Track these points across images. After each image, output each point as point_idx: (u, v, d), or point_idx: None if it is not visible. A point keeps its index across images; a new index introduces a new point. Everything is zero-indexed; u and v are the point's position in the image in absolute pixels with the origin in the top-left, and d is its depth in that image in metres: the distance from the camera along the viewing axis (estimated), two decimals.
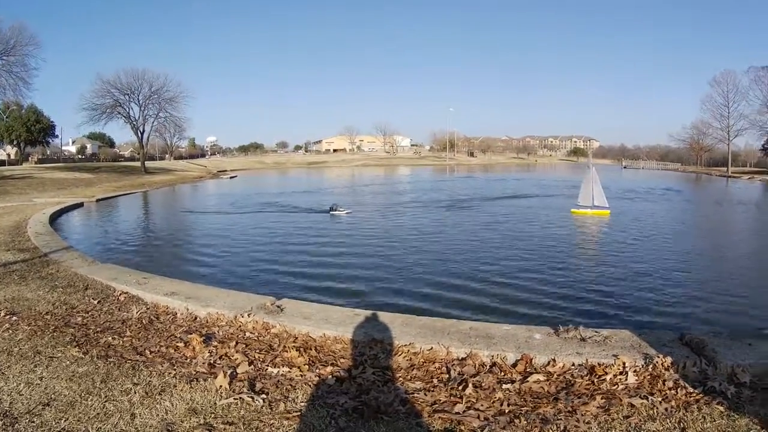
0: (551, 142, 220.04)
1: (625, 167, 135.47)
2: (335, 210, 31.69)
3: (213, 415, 3.57)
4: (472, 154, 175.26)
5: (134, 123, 77.40)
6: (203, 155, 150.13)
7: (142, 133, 79.82)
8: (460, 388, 4.08)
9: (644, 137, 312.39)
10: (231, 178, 79.84)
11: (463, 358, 4.63)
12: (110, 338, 5.38)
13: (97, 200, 39.07)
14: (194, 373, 4.36)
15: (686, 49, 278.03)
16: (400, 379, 4.29)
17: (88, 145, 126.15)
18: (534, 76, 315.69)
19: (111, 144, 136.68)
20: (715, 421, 3.53)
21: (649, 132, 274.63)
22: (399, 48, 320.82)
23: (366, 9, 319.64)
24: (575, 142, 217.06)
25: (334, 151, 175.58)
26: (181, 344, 5.10)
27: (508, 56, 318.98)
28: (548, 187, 59.54)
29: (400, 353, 4.73)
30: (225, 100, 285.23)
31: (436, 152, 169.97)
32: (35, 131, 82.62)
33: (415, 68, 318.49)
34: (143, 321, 6.03)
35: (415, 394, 3.99)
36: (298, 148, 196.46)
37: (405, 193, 51.08)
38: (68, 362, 4.60)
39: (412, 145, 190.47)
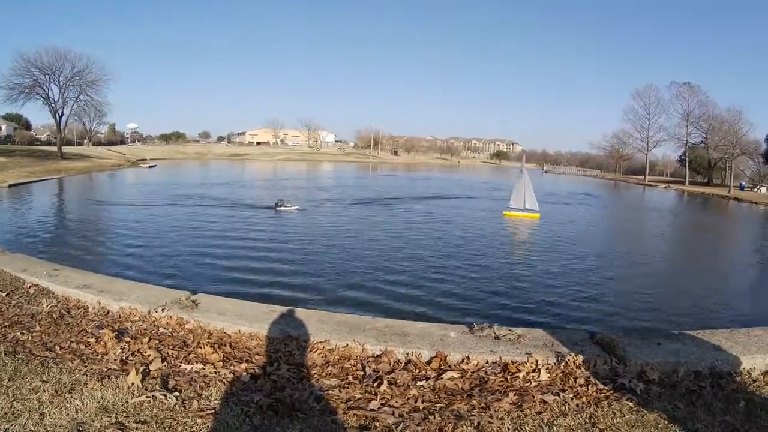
0: (475, 144, 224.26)
1: (545, 172, 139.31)
2: (282, 206, 31.18)
3: (125, 414, 3.49)
4: (396, 153, 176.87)
5: (53, 105, 74.50)
6: (123, 142, 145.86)
7: (60, 117, 76.85)
8: (375, 385, 4.12)
9: (565, 144, 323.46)
10: (150, 167, 78.33)
11: (378, 356, 4.68)
12: (18, 333, 5.18)
13: (10, 186, 37.62)
14: (106, 370, 4.25)
15: (609, 60, 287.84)
16: (316, 376, 4.30)
17: (3, 127, 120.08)
18: (460, 78, 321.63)
19: (27, 126, 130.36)
20: (624, 416, 3.68)
21: (570, 139, 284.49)
22: (326, 43, 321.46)
23: (293, 4, 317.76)
24: (498, 145, 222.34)
25: (258, 143, 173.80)
26: (92, 340, 4.96)
27: (435, 58, 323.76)
28: (471, 188, 61.14)
29: (315, 350, 4.74)
30: (147, 86, 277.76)
31: (360, 149, 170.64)
32: None
33: (342, 64, 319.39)
34: (53, 315, 5.82)
35: (330, 391, 4.01)
36: (221, 139, 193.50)
37: (328, 189, 51.23)
38: None
39: (336, 141, 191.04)
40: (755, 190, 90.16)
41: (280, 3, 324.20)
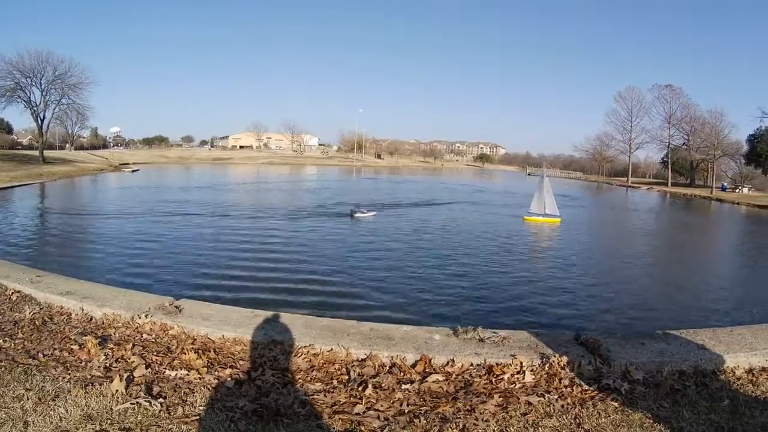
0: (458, 147, 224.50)
1: (529, 174, 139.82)
2: (358, 212, 31.15)
3: (109, 422, 3.47)
4: (379, 156, 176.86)
5: (35, 109, 73.72)
6: (105, 146, 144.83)
7: (42, 120, 76.04)
8: (360, 388, 4.13)
9: (549, 146, 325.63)
10: (133, 171, 77.99)
11: (363, 359, 4.69)
12: (0, 340, 5.13)
13: None
14: (89, 377, 4.22)
15: (591, 63, 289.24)
16: (300, 380, 4.30)
17: None
18: (443, 81, 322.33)
19: (9, 130, 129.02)
20: (609, 416, 3.72)
21: (554, 142, 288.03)
22: (309, 46, 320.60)
23: (276, 7, 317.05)
24: (482, 148, 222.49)
25: (241, 147, 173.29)
26: (75, 347, 4.92)
27: (418, 61, 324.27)
28: (466, 192, 61.46)
29: (300, 354, 4.73)
30: (130, 89, 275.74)
31: (343, 153, 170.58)
32: None
33: (325, 67, 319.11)
34: (36, 322, 5.77)
35: (315, 396, 4.01)
36: (204, 143, 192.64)
37: (315, 192, 51.09)
38: None
39: (320, 145, 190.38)
40: (737, 190, 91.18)
41: (262, 6, 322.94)
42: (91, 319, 5.90)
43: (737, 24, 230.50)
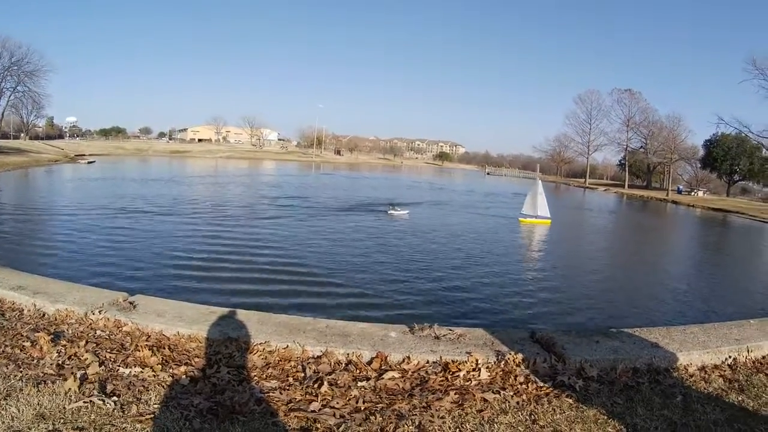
0: (418, 145, 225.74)
1: (488, 173, 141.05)
2: (393, 210, 31.47)
3: (62, 421, 3.42)
4: (338, 152, 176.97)
5: None
6: (61, 137, 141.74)
7: None
8: (316, 386, 4.14)
9: (508, 146, 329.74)
10: (89, 163, 76.47)
11: (318, 357, 4.69)
12: None
13: None
14: (42, 375, 4.14)
15: (552, 64, 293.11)
16: (256, 378, 4.29)
17: None
18: (404, 79, 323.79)
19: None
20: (564, 412, 3.79)
21: (513, 142, 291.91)
22: (269, 40, 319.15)
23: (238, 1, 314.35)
24: (442, 146, 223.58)
25: (200, 140, 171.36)
26: (27, 344, 4.82)
27: (379, 58, 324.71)
28: (416, 189, 61.61)
29: (255, 352, 4.72)
30: (88, 79, 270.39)
31: (303, 148, 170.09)
32: None
33: (286, 62, 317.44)
34: None
35: (271, 393, 4.01)
36: (162, 135, 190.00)
37: (274, 188, 50.81)
38: None
39: (279, 140, 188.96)
40: (692, 193, 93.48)
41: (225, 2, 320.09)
42: (44, 315, 5.79)
43: (699, 34, 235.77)
